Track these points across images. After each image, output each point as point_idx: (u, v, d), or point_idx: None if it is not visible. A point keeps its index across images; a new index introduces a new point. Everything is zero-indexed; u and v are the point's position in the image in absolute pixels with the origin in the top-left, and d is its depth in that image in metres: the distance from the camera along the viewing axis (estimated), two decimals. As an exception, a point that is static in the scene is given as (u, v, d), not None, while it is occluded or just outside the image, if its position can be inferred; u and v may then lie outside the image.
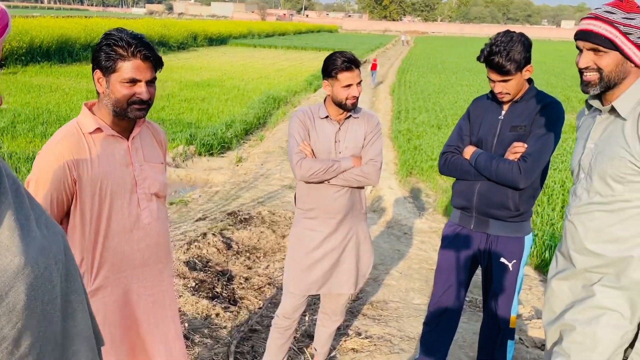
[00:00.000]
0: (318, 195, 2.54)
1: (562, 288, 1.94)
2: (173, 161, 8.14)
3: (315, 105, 2.60)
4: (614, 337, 1.78)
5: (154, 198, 1.86)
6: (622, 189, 1.75)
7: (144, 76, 1.72)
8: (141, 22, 33.21)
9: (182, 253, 4.24)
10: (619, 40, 1.71)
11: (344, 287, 2.64)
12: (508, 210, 2.37)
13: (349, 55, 2.42)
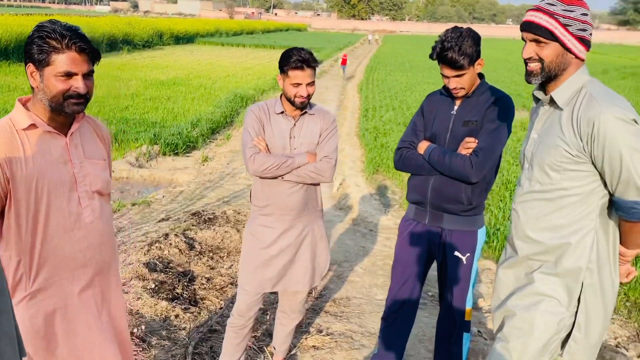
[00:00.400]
0: (273, 192, 2.52)
1: (507, 275, 1.99)
2: (136, 161, 7.98)
3: (272, 100, 2.59)
4: (550, 323, 1.83)
5: (96, 196, 1.80)
6: (559, 178, 1.79)
7: (80, 69, 1.66)
8: (105, 20, 32.49)
9: (143, 254, 4.15)
10: (558, 32, 1.75)
11: (299, 285, 2.62)
12: (461, 204, 2.40)
13: (304, 54, 2.40)
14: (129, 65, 20.41)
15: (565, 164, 1.77)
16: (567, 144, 1.75)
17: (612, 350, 3.35)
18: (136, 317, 3.21)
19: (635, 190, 1.68)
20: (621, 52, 47.79)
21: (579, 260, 1.80)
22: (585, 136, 1.71)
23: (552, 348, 1.86)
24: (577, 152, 1.74)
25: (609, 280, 1.83)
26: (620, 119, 1.66)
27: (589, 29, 1.76)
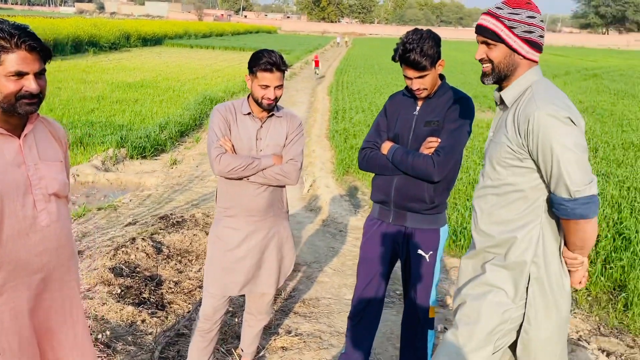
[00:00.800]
0: (238, 193, 2.51)
1: (467, 266, 2.06)
2: (103, 165, 7.82)
3: (239, 101, 2.58)
4: (495, 313, 1.90)
5: (52, 198, 1.75)
6: (506, 174, 1.87)
7: (32, 68, 1.61)
8: (70, 22, 31.76)
9: (108, 259, 4.08)
10: (503, 34, 1.82)
11: (266, 287, 2.62)
12: (424, 203, 2.44)
13: (275, 57, 2.40)
14: (94, 67, 20.01)
15: (509, 160, 1.84)
16: (510, 140, 1.82)
17: (573, 344, 3.45)
18: (101, 323, 3.15)
19: (564, 186, 1.73)
20: (583, 54, 49.24)
21: (525, 253, 1.86)
22: (524, 132, 1.77)
23: (498, 337, 1.92)
24: (518, 149, 1.81)
25: (557, 274, 1.89)
26: (554, 117, 1.72)
27: (537, 31, 1.82)
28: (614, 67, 32.26)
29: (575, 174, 1.71)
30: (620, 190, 6.62)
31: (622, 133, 10.86)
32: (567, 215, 1.76)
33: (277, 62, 2.40)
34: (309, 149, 9.40)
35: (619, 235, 5.05)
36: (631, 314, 3.81)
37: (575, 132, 1.73)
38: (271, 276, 2.62)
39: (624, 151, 9.13)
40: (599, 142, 9.78)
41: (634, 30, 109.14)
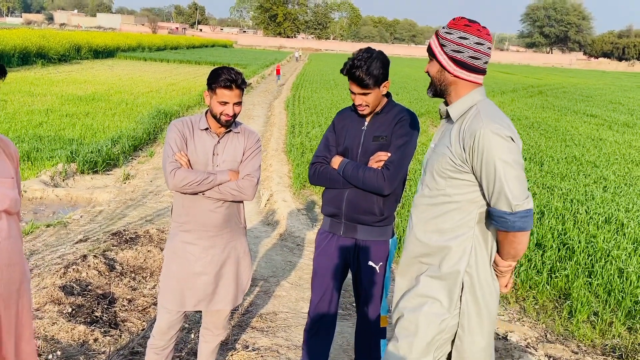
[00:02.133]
0: (194, 208, 2.50)
1: (403, 278, 2.12)
2: (52, 180, 7.57)
3: (196, 116, 2.58)
4: (432, 324, 1.98)
5: (3, 215, 1.71)
6: (444, 184, 1.96)
7: None
8: (17, 32, 30.67)
9: (58, 278, 3.95)
10: (436, 50, 1.96)
11: (223, 303, 2.61)
12: (374, 215, 2.51)
13: (234, 74, 2.42)
14: (43, 79, 19.38)
15: (449, 172, 1.94)
16: (452, 153, 1.92)
17: (521, 350, 3.58)
18: (51, 343, 3.05)
19: (505, 200, 1.83)
20: (529, 72, 51.42)
21: (458, 263, 1.95)
22: (468, 148, 1.87)
23: (436, 346, 1.99)
24: (460, 162, 1.91)
25: (489, 285, 1.98)
26: (497, 134, 1.83)
27: (468, 52, 1.91)
28: (557, 84, 33.87)
29: (516, 189, 1.82)
30: (564, 202, 6.94)
31: (565, 148, 11.40)
32: (507, 228, 1.86)
33: (237, 79, 2.42)
34: (266, 163, 9.40)
35: (564, 246, 5.29)
36: (575, 321, 3.99)
37: (515, 149, 1.85)
38: (229, 292, 2.61)
39: (567, 165, 9.59)
40: (544, 157, 10.22)
41: (576, 49, 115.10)
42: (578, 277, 4.58)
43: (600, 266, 4.79)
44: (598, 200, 7.08)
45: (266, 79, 28.29)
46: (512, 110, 18.22)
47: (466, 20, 1.94)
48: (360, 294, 2.63)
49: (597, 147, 11.66)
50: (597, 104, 21.81)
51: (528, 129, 14.00)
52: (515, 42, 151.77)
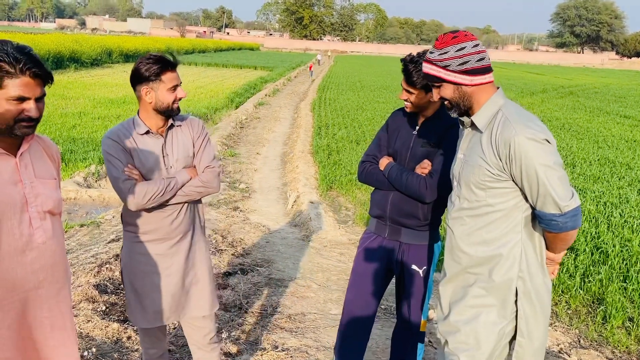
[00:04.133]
0: (155, 216, 2.28)
1: (446, 290, 2.09)
2: (85, 181, 7.77)
3: (127, 122, 2.34)
4: (491, 334, 1.95)
5: (47, 216, 1.76)
6: (484, 195, 1.93)
7: (33, 93, 1.63)
8: (51, 37, 31.55)
9: (92, 276, 4.05)
10: (442, 74, 1.94)
11: (198, 310, 2.42)
12: (417, 219, 2.49)
13: (168, 55, 2.24)
14: (76, 83, 19.88)
15: (488, 182, 1.91)
16: (488, 164, 1.89)
17: (554, 356, 3.51)
18: (86, 340, 3.13)
19: (552, 203, 1.81)
20: (559, 72, 50.40)
21: (510, 270, 1.93)
22: (504, 157, 1.85)
23: (496, 355, 1.97)
24: (497, 172, 1.88)
25: (542, 286, 1.96)
26: (533, 140, 1.80)
27: (472, 58, 1.91)
28: (589, 85, 33.11)
29: (561, 190, 1.80)
30: (597, 205, 6.78)
31: (598, 149, 11.14)
32: (559, 230, 1.85)
33: (174, 58, 2.25)
34: (293, 165, 9.45)
35: (597, 250, 5.17)
36: (609, 327, 3.90)
37: (552, 151, 1.83)
38: (203, 296, 2.42)
39: (600, 167, 9.37)
40: (576, 159, 10.01)
41: (608, 49, 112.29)
42: (612, 282, 4.47)
43: (636, 270, 4.66)
44: (633, 203, 6.90)
45: (292, 81, 28.45)
46: (543, 111, 17.89)
47: (449, 34, 1.95)
48: (401, 297, 2.62)
49: (632, 149, 11.36)
50: (631, 105, 21.23)
51: (559, 130, 13.73)
52: (545, 42, 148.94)
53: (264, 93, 21.00)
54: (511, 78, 36.64)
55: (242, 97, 18.76)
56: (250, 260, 4.82)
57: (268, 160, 10.11)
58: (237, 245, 5.21)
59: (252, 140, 11.93)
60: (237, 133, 12.48)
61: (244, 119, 14.38)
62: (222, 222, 5.99)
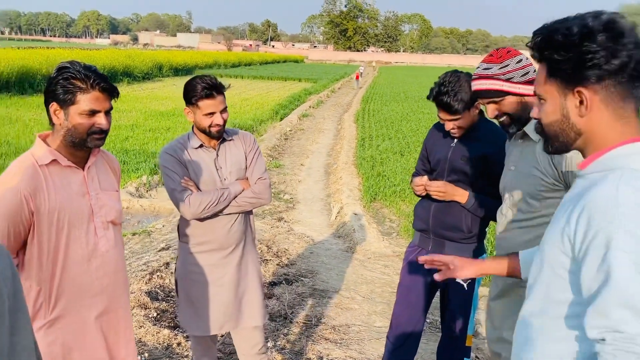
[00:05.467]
0: (210, 227, 2.37)
1: (498, 305, 2.06)
2: (137, 191, 8.06)
3: (183, 137, 2.44)
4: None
5: (110, 226, 1.88)
6: (538, 205, 1.90)
7: (103, 107, 1.77)
8: (105, 53, 33.01)
9: (144, 283, 4.20)
10: (506, 87, 1.93)
11: (251, 320, 2.49)
12: (461, 232, 2.48)
13: (211, 80, 2.30)
14: (128, 96, 20.68)
15: (543, 192, 1.88)
16: (543, 173, 1.87)
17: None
18: (139, 345, 3.25)
19: None
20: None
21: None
22: (559, 166, 1.82)
23: None
24: (553, 181, 1.85)
25: None
26: None
27: (531, 69, 1.93)
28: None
29: None
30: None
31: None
32: None
33: (216, 84, 2.30)
34: (336, 176, 9.50)
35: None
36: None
37: None
38: (255, 307, 2.50)
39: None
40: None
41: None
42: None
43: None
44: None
45: (336, 93, 28.62)
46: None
47: (503, 49, 1.97)
48: (446, 311, 2.60)
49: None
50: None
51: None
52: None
53: (308, 105, 21.22)
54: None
55: (286, 109, 19.02)
56: (295, 271, 4.88)
57: (312, 172, 10.20)
58: (282, 255, 5.28)
59: (296, 151, 12.07)
60: (281, 144, 12.65)
61: (289, 131, 14.57)
62: (267, 232, 6.09)
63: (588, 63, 1.14)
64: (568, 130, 1.23)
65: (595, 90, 1.17)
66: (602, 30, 1.14)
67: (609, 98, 1.17)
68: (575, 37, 1.15)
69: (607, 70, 1.14)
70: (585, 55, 1.14)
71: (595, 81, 1.16)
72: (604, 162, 1.18)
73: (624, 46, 1.13)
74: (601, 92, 1.17)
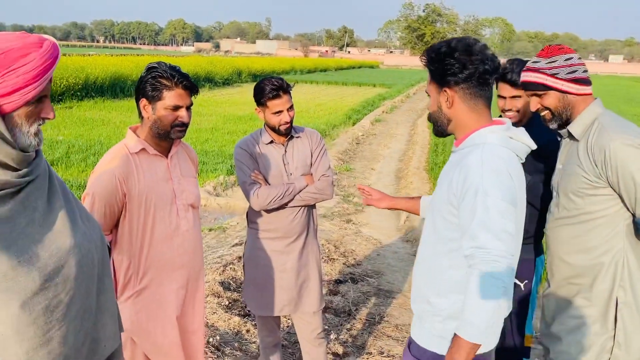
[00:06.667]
0: (277, 216, 2.57)
1: (550, 301, 2.08)
2: (214, 190, 8.50)
3: (256, 132, 2.66)
4: (594, 345, 1.91)
5: (190, 208, 2.11)
6: (582, 203, 1.92)
7: (185, 102, 2.00)
8: (189, 60, 34.74)
9: (218, 274, 4.48)
10: (550, 82, 1.96)
11: (309, 305, 2.65)
12: None
13: (277, 82, 2.48)
14: (209, 101, 21.68)
15: (585, 190, 1.90)
16: (585, 171, 1.90)
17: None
18: (212, 329, 3.50)
19: None
20: None
21: (612, 280, 1.89)
22: (600, 163, 1.84)
23: None
24: (595, 178, 1.87)
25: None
26: (629, 145, 1.79)
27: (580, 68, 1.94)
28: None
29: None
30: None
31: None
32: None
33: (282, 85, 2.48)
34: (407, 181, 9.50)
35: None
36: None
37: None
38: (313, 294, 2.66)
39: None
40: None
41: None
42: None
43: None
44: None
45: (411, 98, 28.40)
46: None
47: (555, 46, 1.99)
48: None
49: None
50: None
51: None
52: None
53: (382, 110, 21.23)
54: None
55: (359, 114, 19.15)
56: (361, 271, 4.98)
57: (382, 176, 10.25)
58: (349, 255, 5.40)
59: (367, 156, 12.16)
60: (352, 149, 12.79)
61: (360, 135, 14.69)
62: (335, 233, 6.24)
63: (448, 72, 1.64)
64: (442, 118, 1.73)
65: (455, 91, 1.66)
66: (459, 49, 1.62)
67: (465, 96, 1.66)
68: (441, 54, 1.66)
69: (461, 77, 1.62)
70: (446, 66, 1.64)
71: (454, 84, 1.65)
72: (469, 141, 1.66)
73: (472, 62, 1.61)
74: (459, 92, 1.66)
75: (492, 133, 1.63)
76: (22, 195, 1.17)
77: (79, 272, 1.22)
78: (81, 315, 1.25)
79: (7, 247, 1.10)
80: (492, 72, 1.64)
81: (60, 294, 1.17)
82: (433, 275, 1.68)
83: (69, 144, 10.78)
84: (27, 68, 1.12)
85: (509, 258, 1.49)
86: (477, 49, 1.63)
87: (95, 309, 1.31)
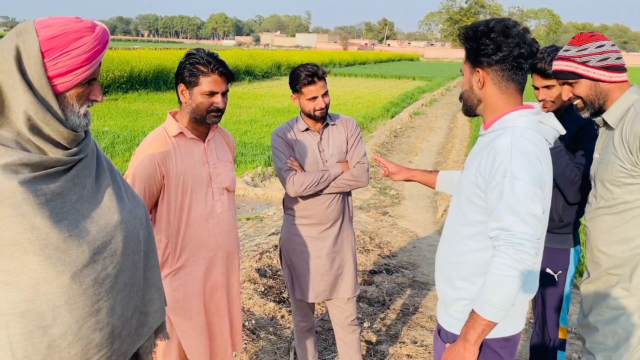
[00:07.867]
0: (313, 203, 2.59)
1: (588, 291, 2.05)
2: (252, 181, 8.64)
3: (292, 121, 2.67)
4: (631, 337, 1.87)
5: (225, 192, 2.18)
6: (620, 192, 1.88)
7: (221, 89, 2.06)
8: (230, 53, 35.20)
9: (255, 262, 4.58)
10: (580, 70, 1.93)
11: (344, 292, 2.67)
12: (552, 221, 2.44)
13: (312, 68, 2.49)
14: (249, 94, 21.95)
15: (622, 179, 1.87)
16: (620, 159, 1.86)
17: None
18: (248, 314, 3.59)
19: None
20: None
21: None
22: (635, 150, 1.80)
23: (634, 359, 1.89)
24: (631, 167, 1.82)
25: None
26: None
27: (612, 55, 1.90)
28: None
29: None
30: None
31: None
32: None
33: (316, 71, 2.48)
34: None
35: None
36: None
37: None
38: (349, 280, 2.68)
39: None
40: None
41: None
42: None
43: None
44: None
45: (451, 91, 27.94)
46: None
47: (587, 34, 1.95)
48: (537, 302, 2.58)
49: None
50: None
51: None
52: None
53: (421, 103, 21.00)
54: None
55: (398, 107, 19.00)
56: (396, 262, 4.99)
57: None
58: (384, 247, 5.41)
59: (405, 149, 12.08)
60: (390, 142, 12.73)
61: (399, 128, 14.59)
62: (371, 224, 6.25)
63: (482, 52, 1.62)
64: (473, 98, 1.72)
65: (488, 72, 1.65)
66: (496, 30, 1.59)
67: (497, 78, 1.64)
68: (478, 33, 1.62)
69: (494, 59, 1.61)
70: (481, 46, 1.62)
71: (487, 65, 1.63)
72: (499, 124, 1.65)
73: (507, 44, 1.59)
74: (492, 73, 1.65)
75: (522, 117, 1.62)
76: (73, 172, 1.24)
77: (125, 247, 1.29)
78: (129, 289, 1.32)
79: (59, 221, 1.18)
80: (527, 57, 1.61)
81: (108, 267, 1.25)
82: (457, 258, 1.68)
83: (114, 135, 11.15)
84: (80, 50, 1.19)
85: (534, 241, 1.48)
86: (515, 31, 1.59)
87: (142, 284, 1.38)
